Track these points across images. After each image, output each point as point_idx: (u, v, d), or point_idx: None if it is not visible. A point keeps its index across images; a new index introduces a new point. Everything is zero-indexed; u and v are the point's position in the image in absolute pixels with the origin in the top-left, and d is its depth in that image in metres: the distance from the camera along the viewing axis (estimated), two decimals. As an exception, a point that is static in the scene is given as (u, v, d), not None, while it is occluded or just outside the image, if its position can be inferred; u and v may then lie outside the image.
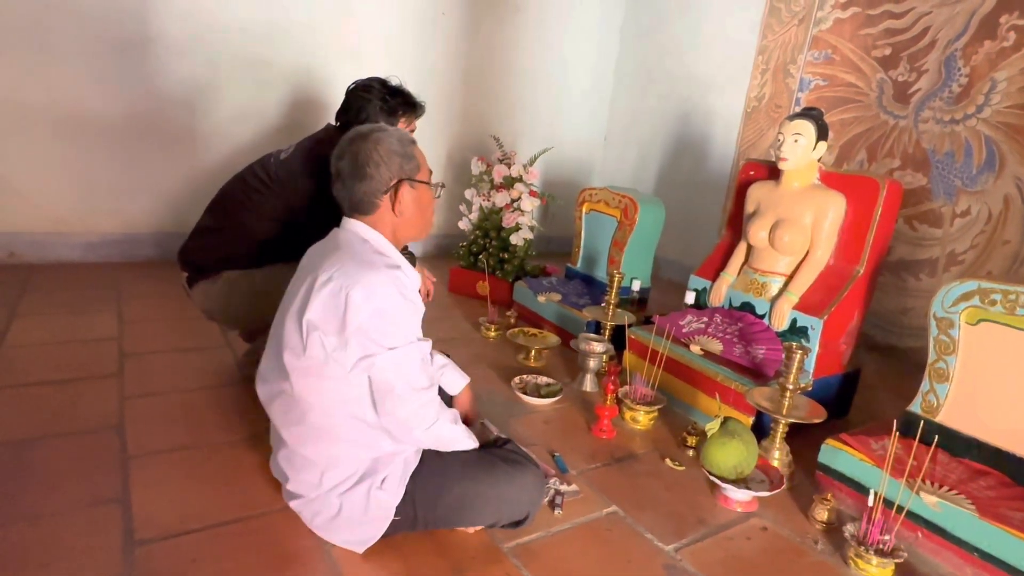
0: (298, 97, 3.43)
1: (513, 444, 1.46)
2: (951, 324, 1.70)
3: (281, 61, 3.33)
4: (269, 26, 3.25)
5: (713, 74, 3.88)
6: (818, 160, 2.15)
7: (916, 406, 1.79)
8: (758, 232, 2.21)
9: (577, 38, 4.35)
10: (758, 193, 2.29)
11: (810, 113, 2.11)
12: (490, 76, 4.09)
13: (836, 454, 1.70)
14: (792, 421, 1.78)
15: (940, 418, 1.73)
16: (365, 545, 1.30)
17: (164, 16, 3.00)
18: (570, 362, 2.53)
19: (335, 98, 2.09)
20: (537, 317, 2.91)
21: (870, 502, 1.45)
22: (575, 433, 1.97)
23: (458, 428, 1.37)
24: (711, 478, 1.65)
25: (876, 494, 1.44)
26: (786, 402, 1.78)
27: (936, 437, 1.61)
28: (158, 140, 3.15)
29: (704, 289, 2.46)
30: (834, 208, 2.09)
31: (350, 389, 1.25)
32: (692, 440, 1.91)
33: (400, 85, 2.04)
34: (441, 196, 1.48)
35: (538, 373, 2.33)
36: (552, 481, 1.62)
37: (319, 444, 1.30)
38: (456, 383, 1.59)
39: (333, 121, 2.06)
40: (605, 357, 2.31)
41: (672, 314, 2.42)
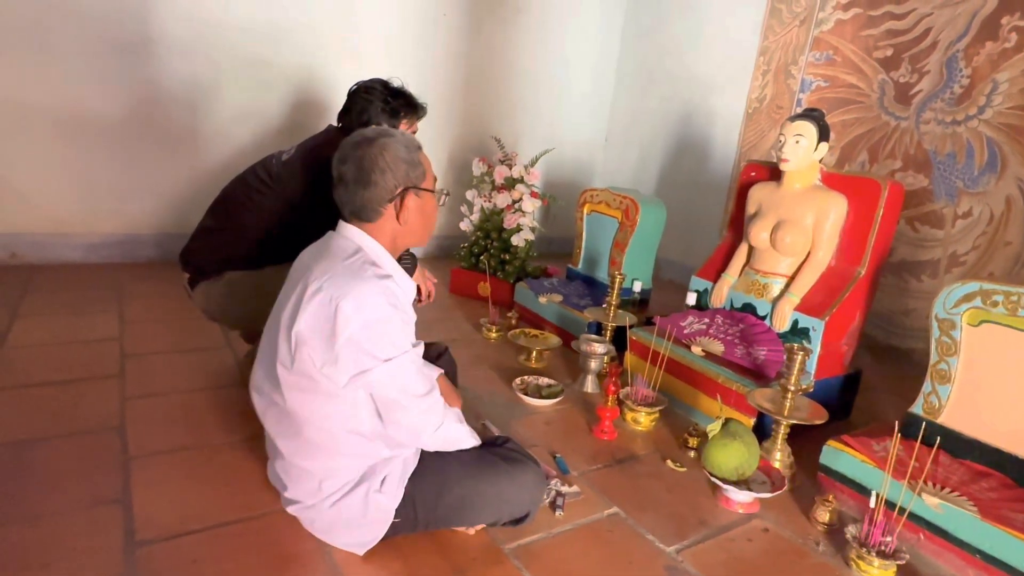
0: (299, 97, 3.43)
1: (513, 443, 1.45)
2: (953, 325, 1.70)
3: (282, 61, 3.33)
4: (270, 26, 3.25)
5: (714, 75, 3.88)
6: (819, 161, 2.15)
7: (918, 407, 1.79)
8: (759, 233, 2.21)
9: (578, 39, 4.35)
10: (759, 194, 2.29)
11: (811, 114, 2.11)
12: (491, 77, 4.09)
13: (838, 455, 1.70)
14: (793, 422, 1.78)
15: (942, 419, 1.73)
16: (365, 547, 1.30)
17: (165, 16, 3.00)
18: (571, 363, 2.53)
19: (336, 99, 2.09)
20: (538, 318, 2.91)
21: (872, 503, 1.45)
22: (576, 434, 1.96)
23: (463, 427, 1.37)
24: (712, 479, 1.65)
25: (878, 495, 1.44)
26: (787, 403, 1.78)
27: (938, 438, 1.61)
28: (159, 140, 3.15)
29: (705, 290, 2.46)
30: (835, 209, 2.09)
31: (344, 405, 1.23)
32: (693, 441, 1.91)
33: (402, 86, 2.04)
34: (445, 204, 1.44)
35: (539, 374, 2.33)
36: (553, 482, 1.62)
37: (316, 458, 1.29)
38: None
39: (335, 122, 2.06)
40: (606, 358, 2.30)
41: (673, 315, 2.41)
